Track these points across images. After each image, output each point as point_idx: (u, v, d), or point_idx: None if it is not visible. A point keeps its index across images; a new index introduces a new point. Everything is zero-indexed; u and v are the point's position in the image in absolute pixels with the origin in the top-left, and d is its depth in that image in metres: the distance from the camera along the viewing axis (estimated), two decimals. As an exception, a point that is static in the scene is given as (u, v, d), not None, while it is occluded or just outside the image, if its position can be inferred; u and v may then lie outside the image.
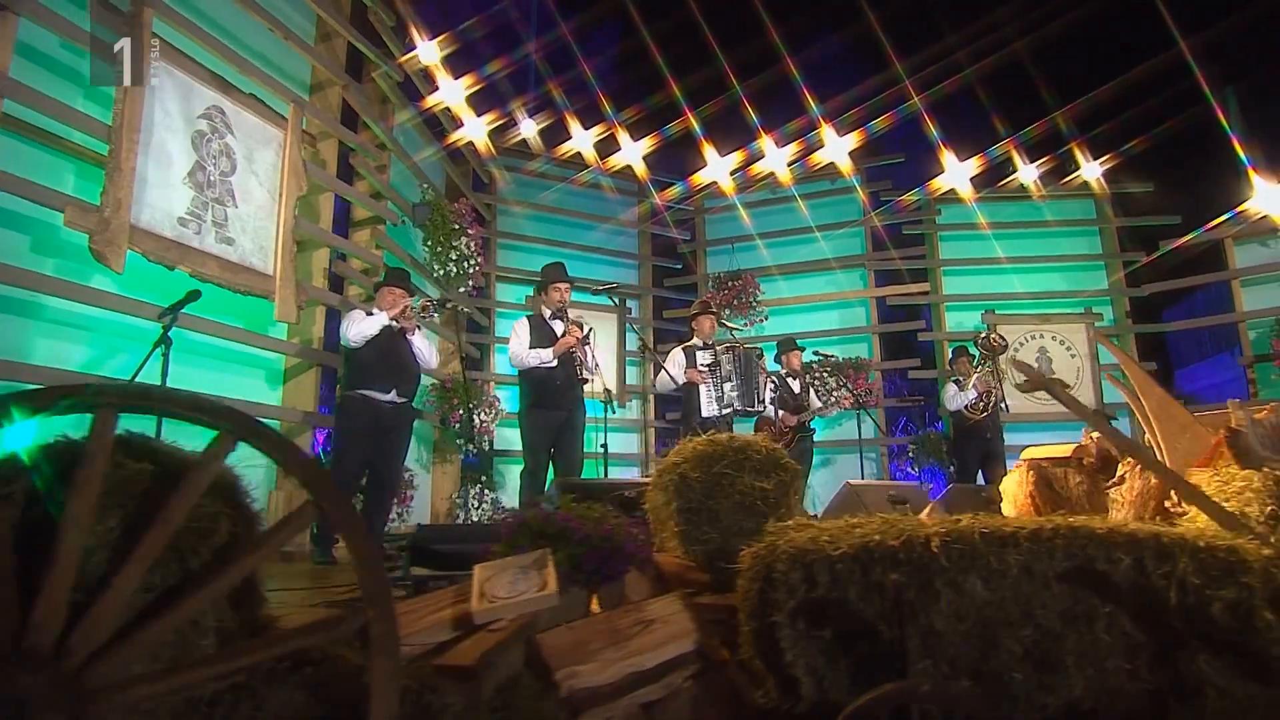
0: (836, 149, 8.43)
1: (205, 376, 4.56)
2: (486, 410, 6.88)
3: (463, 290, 6.79)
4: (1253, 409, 2.48)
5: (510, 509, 6.02)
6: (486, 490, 7.14)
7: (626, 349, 8.54)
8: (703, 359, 5.59)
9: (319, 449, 5.51)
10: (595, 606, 1.93)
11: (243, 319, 4.75)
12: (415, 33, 6.46)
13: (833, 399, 6.91)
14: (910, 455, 8.05)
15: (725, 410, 5.50)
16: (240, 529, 1.73)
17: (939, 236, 8.79)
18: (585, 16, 9.45)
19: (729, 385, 5.53)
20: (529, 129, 8.17)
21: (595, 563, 1.81)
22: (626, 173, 8.84)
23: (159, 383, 3.42)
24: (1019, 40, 8.25)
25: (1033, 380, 2.19)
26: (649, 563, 1.99)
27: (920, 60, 8.28)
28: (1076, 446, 2.82)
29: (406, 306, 4.51)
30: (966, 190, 8.36)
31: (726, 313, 8.67)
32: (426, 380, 6.60)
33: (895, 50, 8.31)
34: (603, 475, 5.08)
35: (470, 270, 6.50)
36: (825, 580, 1.67)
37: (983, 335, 6.94)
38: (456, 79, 6.98)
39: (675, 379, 5.30)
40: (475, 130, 7.51)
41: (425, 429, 6.91)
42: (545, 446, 4.66)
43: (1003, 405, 6.86)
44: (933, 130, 8.36)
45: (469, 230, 6.52)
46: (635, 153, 8.61)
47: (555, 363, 4.61)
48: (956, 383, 7.06)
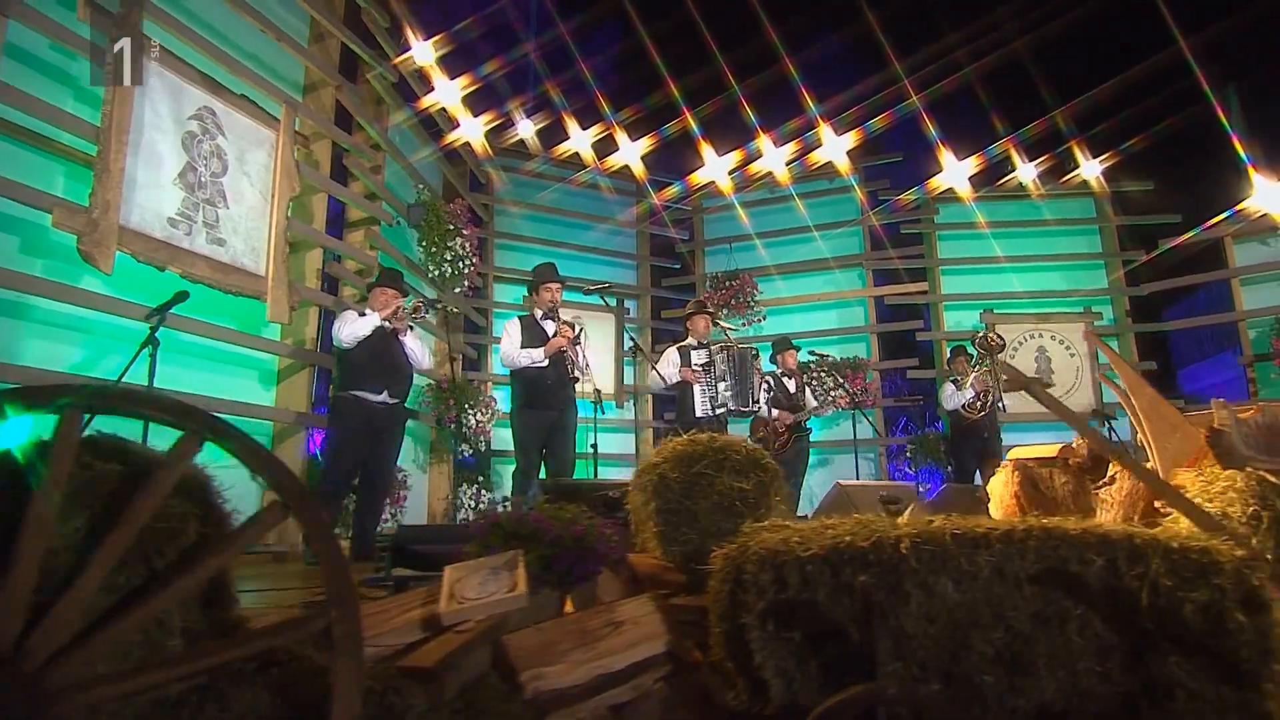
0: (834, 148, 8.40)
1: (198, 377, 4.56)
2: (483, 411, 6.88)
3: (458, 290, 6.79)
4: (1238, 409, 2.46)
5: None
6: (483, 490, 7.15)
7: (625, 349, 8.53)
8: (697, 358, 5.59)
9: (314, 450, 5.51)
10: (570, 608, 1.92)
11: (236, 320, 4.76)
12: (410, 33, 6.46)
13: (830, 398, 6.89)
14: (908, 455, 8.02)
15: (719, 410, 5.49)
16: (210, 529, 1.72)
17: (937, 236, 8.76)
18: (583, 16, 9.44)
19: (723, 385, 5.52)
20: (526, 129, 8.17)
21: (566, 564, 1.80)
22: (624, 173, 8.83)
23: (146, 383, 3.42)
24: (1018, 38, 8.22)
25: (1014, 380, 2.17)
26: (623, 564, 1.98)
27: (918, 59, 8.26)
28: (1062, 446, 2.80)
29: (399, 307, 4.51)
30: (965, 189, 8.33)
31: (724, 312, 8.66)
32: (423, 381, 6.61)
33: (893, 49, 8.29)
34: (593, 475, 5.07)
35: (465, 270, 6.50)
36: (795, 581, 1.66)
37: (980, 335, 6.90)
38: (453, 79, 6.99)
39: (666, 378, 5.29)
40: (472, 131, 7.51)
41: (422, 429, 6.92)
42: (537, 446, 4.66)
43: (1000, 405, 6.83)
44: (931, 129, 8.33)
45: (464, 231, 6.52)
46: (633, 152, 8.60)
47: (546, 363, 4.61)
48: (954, 382, 7.03)
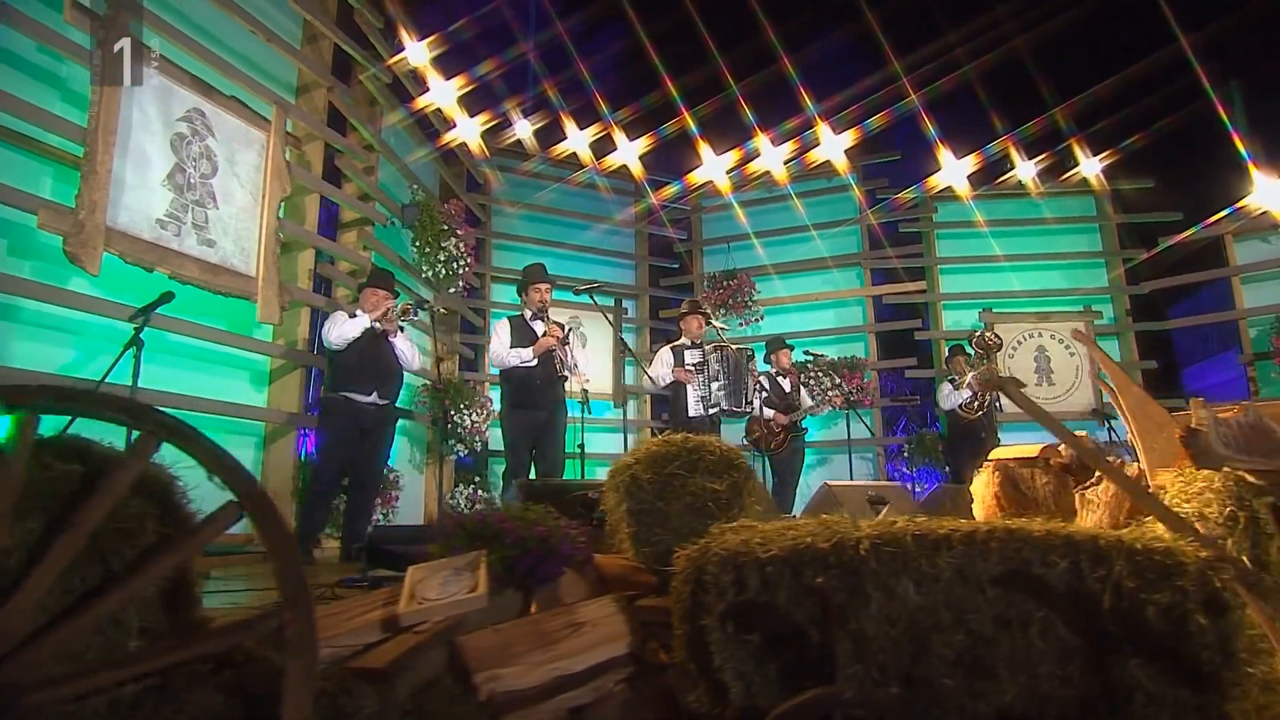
0: (832, 147, 8.37)
1: (190, 378, 4.58)
2: (478, 411, 6.88)
3: (453, 291, 6.80)
4: (1216, 408, 2.44)
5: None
6: (480, 491, 7.15)
7: (632, 350, 8.52)
8: (690, 358, 5.58)
9: (306, 450, 5.53)
10: (535, 610, 1.91)
11: (228, 321, 4.77)
12: (405, 34, 6.47)
13: (826, 398, 6.87)
14: (905, 455, 7.98)
15: (712, 410, 5.48)
16: (171, 530, 1.72)
17: (936, 234, 8.72)
18: (580, 16, 9.44)
19: (716, 385, 5.51)
20: (524, 129, 8.16)
21: (529, 565, 1.80)
22: (622, 172, 8.82)
23: (130, 384, 3.43)
24: (1017, 36, 8.18)
25: (990, 381, 2.15)
26: (589, 565, 1.97)
27: (917, 57, 8.22)
28: (1044, 446, 2.78)
29: (389, 309, 4.51)
30: (964, 188, 8.28)
31: (722, 312, 8.64)
32: (419, 381, 6.62)
33: (891, 47, 8.25)
34: (581, 476, 5.06)
35: (459, 271, 6.50)
36: (755, 583, 1.65)
37: (978, 334, 6.87)
38: (448, 80, 6.99)
39: (660, 378, 5.28)
40: (468, 131, 7.51)
41: (419, 429, 6.93)
42: (526, 446, 4.66)
43: (998, 405, 6.78)
44: (930, 127, 8.29)
45: (458, 231, 6.52)
46: (631, 152, 8.58)
47: (535, 362, 4.61)
48: (951, 382, 7.00)
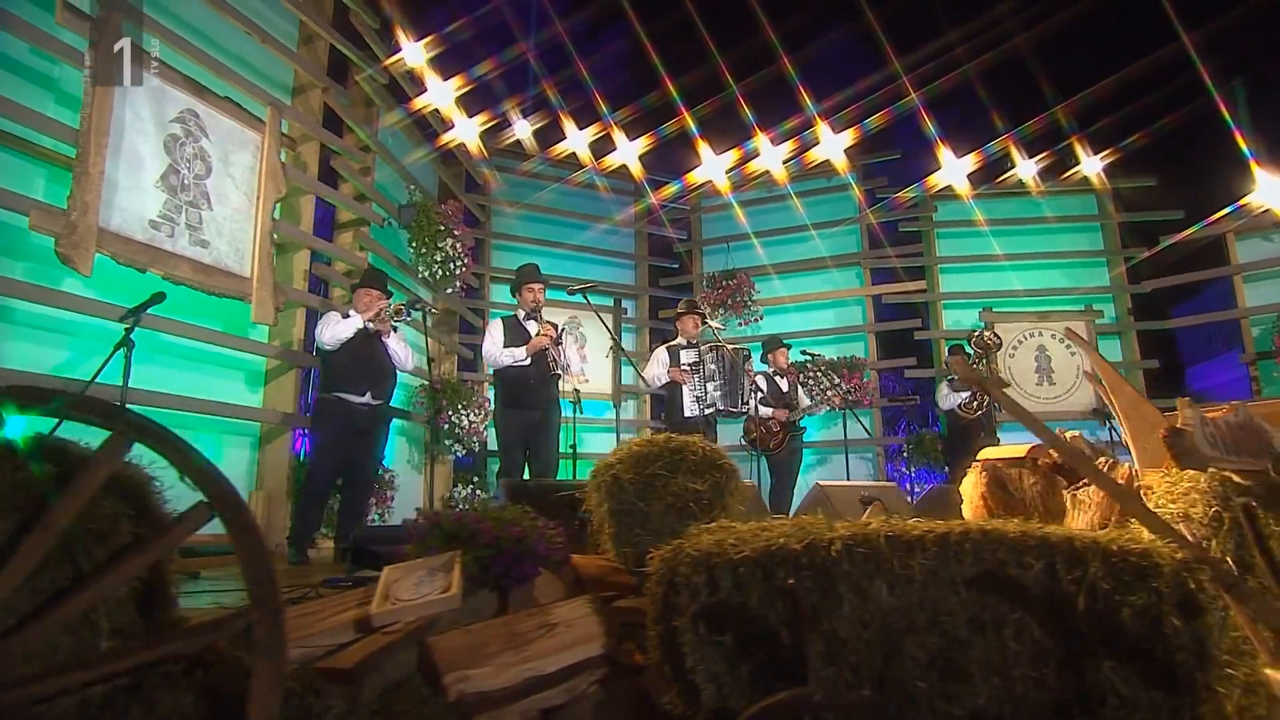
0: (832, 146, 8.34)
1: (186, 378, 4.60)
2: (476, 411, 6.89)
3: (451, 291, 6.80)
4: (1212, 408, 2.42)
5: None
6: (479, 491, 7.16)
7: (621, 349, 8.50)
8: (686, 358, 5.57)
9: (300, 450, 5.53)
10: (511, 610, 1.91)
11: (224, 322, 4.79)
12: (401, 35, 6.47)
13: (824, 397, 6.85)
14: (905, 455, 7.95)
15: (708, 410, 5.47)
16: (146, 530, 1.72)
17: (936, 234, 8.69)
18: (578, 16, 9.44)
19: (712, 385, 5.49)
20: (523, 130, 8.16)
21: (504, 565, 1.79)
22: (622, 172, 8.81)
23: (120, 385, 3.44)
24: (1018, 34, 8.13)
25: (966, 378, 2.13)
26: (565, 565, 1.96)
27: (916, 55, 8.18)
28: (1031, 446, 2.76)
29: (382, 309, 4.51)
30: (964, 187, 8.24)
31: (721, 312, 8.63)
32: (417, 381, 6.63)
33: (891, 45, 8.22)
34: (573, 476, 5.06)
35: (456, 271, 6.51)
36: (728, 584, 1.64)
37: (976, 334, 6.84)
38: (446, 80, 6.99)
39: (654, 378, 5.27)
40: (467, 131, 7.51)
41: (417, 429, 6.94)
42: (520, 446, 4.66)
43: (996, 405, 6.75)
44: (929, 126, 8.25)
45: (455, 231, 6.53)
46: (631, 152, 8.57)
47: (529, 361, 4.60)
48: (950, 382, 6.96)
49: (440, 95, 6.99)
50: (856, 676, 1.57)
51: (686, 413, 5.44)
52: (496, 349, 4.63)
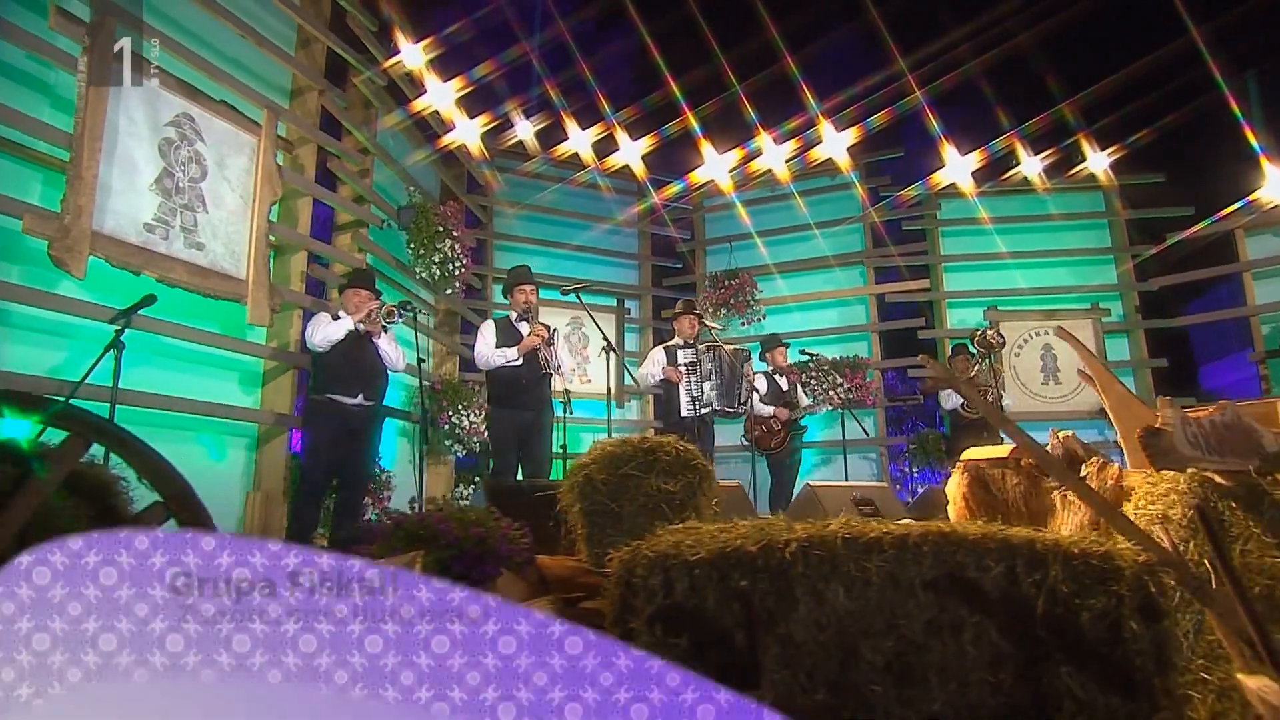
0: (835, 144, 8.28)
1: (183, 380, 4.63)
2: (476, 411, 6.90)
3: (450, 292, 6.82)
4: (1189, 409, 2.37)
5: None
6: (478, 490, 7.17)
7: (625, 350, 8.51)
8: (683, 358, 5.56)
9: (295, 450, 5.57)
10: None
11: (219, 323, 4.82)
12: (400, 36, 6.50)
13: (825, 396, 6.81)
14: (907, 455, 7.89)
15: (704, 410, 5.46)
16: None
17: (940, 232, 8.61)
18: (579, 16, 9.44)
19: (708, 384, 5.48)
20: (525, 130, 8.16)
21: (464, 566, 1.79)
22: (624, 172, 8.79)
23: (110, 386, 3.47)
24: (1022, 30, 8.05)
25: (940, 379, 2.11)
26: (529, 565, 1.96)
27: (920, 52, 8.11)
28: (1013, 447, 2.72)
29: (372, 310, 4.53)
30: (968, 184, 8.16)
31: (724, 311, 8.60)
32: (415, 381, 6.64)
33: (894, 42, 8.15)
34: (563, 477, 5.05)
35: (455, 272, 6.52)
36: (683, 586, 1.63)
37: (979, 333, 6.77)
38: (445, 82, 7.01)
39: (648, 377, 5.26)
40: (468, 133, 7.53)
41: (416, 429, 6.96)
42: (512, 446, 4.67)
43: (1000, 404, 6.68)
44: (933, 123, 8.18)
45: (454, 232, 6.55)
46: (633, 152, 8.55)
47: (520, 361, 4.61)
48: (951, 381, 6.91)
49: (440, 97, 7.01)
50: (811, 680, 1.55)
51: (682, 412, 5.44)
52: (488, 349, 4.64)
